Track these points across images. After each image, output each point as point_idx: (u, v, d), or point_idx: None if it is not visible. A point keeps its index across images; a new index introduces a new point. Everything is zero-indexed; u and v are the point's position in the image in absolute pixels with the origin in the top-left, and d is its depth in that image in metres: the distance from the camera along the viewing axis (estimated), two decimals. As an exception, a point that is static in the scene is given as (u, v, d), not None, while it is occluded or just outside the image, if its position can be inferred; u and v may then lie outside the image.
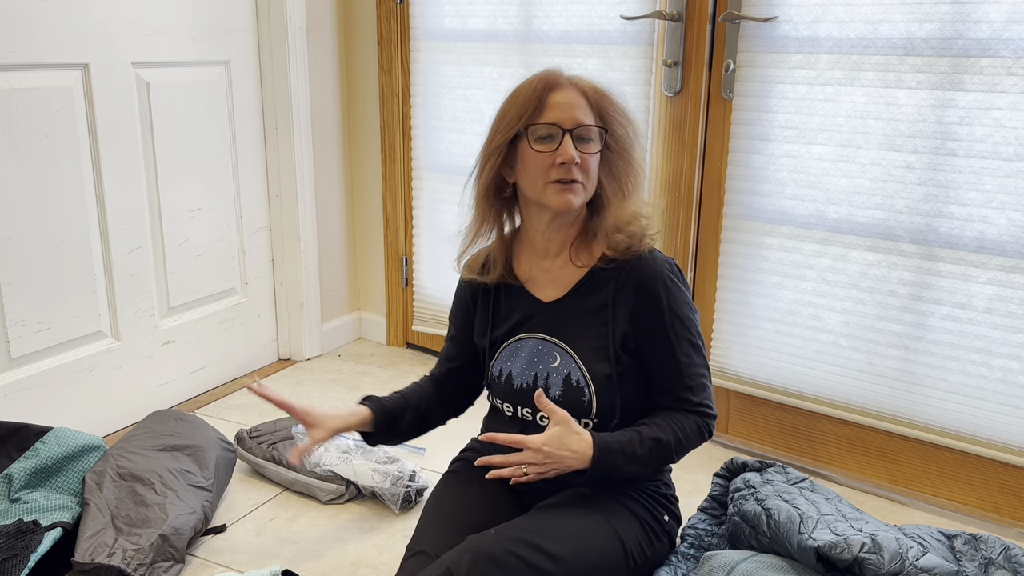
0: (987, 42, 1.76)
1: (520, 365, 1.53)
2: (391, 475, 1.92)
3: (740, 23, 2.02)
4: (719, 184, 2.15)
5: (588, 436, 1.40)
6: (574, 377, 1.49)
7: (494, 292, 1.59)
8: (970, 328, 1.89)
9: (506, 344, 1.56)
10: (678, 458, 1.49)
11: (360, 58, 2.73)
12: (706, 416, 1.50)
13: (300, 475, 1.96)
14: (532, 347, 1.53)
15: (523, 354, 1.53)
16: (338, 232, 2.85)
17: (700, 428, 1.49)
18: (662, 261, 1.49)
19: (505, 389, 1.55)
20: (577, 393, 1.49)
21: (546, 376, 1.51)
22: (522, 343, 1.54)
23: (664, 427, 1.45)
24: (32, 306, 2.05)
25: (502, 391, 1.56)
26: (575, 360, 1.49)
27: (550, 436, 1.38)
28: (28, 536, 1.60)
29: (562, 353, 1.50)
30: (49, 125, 2.02)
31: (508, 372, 1.55)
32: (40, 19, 1.97)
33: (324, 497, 1.94)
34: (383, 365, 2.77)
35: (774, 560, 1.49)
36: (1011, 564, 1.46)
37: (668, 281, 1.47)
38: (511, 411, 1.56)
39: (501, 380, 1.56)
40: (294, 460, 1.55)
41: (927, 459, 2.02)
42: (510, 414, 1.57)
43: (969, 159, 1.82)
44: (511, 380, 1.54)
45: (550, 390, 1.50)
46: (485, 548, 1.32)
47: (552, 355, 1.51)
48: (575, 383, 1.49)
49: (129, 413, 2.32)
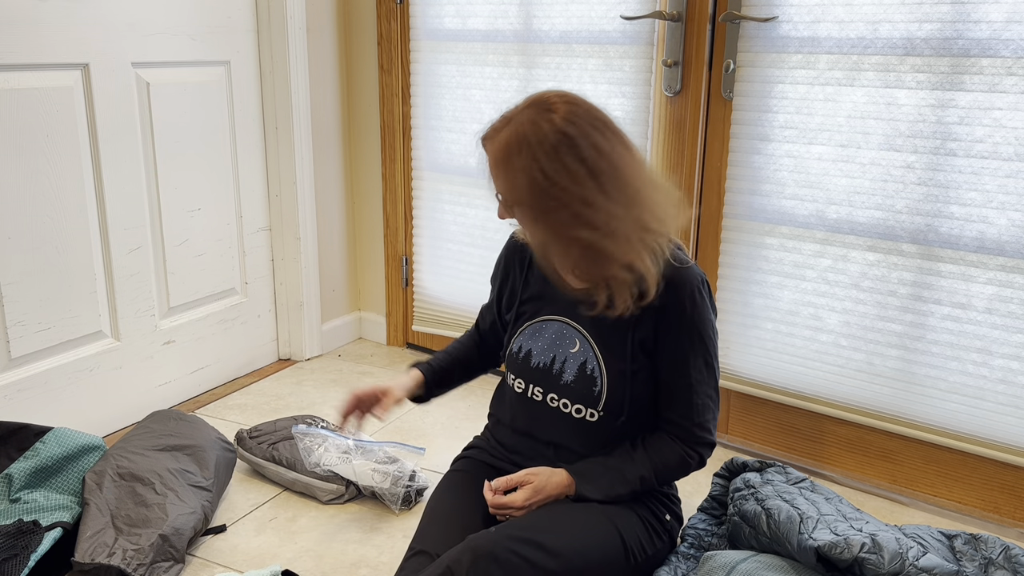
0: (987, 42, 1.76)
1: (541, 345, 1.56)
2: (391, 475, 1.92)
3: (740, 23, 2.02)
4: (719, 184, 2.15)
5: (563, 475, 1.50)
6: (589, 366, 1.51)
7: (530, 263, 1.61)
8: (970, 328, 1.89)
9: (530, 323, 1.59)
10: (662, 486, 1.56)
11: (360, 58, 2.73)
12: (700, 444, 1.51)
13: (300, 475, 1.96)
14: (556, 329, 1.55)
15: (546, 335, 1.56)
16: (338, 232, 2.85)
17: (686, 458, 1.51)
18: (696, 274, 1.48)
19: (522, 366, 1.58)
20: (589, 383, 1.51)
21: (564, 360, 1.53)
22: (546, 324, 1.56)
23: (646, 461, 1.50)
24: (32, 306, 2.05)
25: (519, 367, 1.59)
26: (593, 350, 1.51)
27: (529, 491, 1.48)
28: (28, 536, 1.60)
29: (583, 340, 1.52)
30: (49, 125, 2.02)
31: (528, 349, 1.57)
32: (40, 19, 1.97)
33: (324, 497, 1.94)
34: (383, 365, 2.77)
35: (774, 560, 1.49)
36: (1011, 564, 1.46)
37: (697, 294, 1.47)
38: (521, 387, 1.59)
39: (519, 356, 1.58)
40: (352, 428, 1.67)
41: (927, 459, 2.02)
42: (519, 390, 1.59)
43: (969, 159, 1.82)
44: (529, 358, 1.57)
45: (564, 374, 1.52)
46: (485, 546, 1.32)
47: (573, 340, 1.53)
48: (589, 372, 1.51)
49: (129, 413, 2.32)
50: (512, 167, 1.37)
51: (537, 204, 1.38)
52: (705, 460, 1.53)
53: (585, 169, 1.35)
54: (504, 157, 1.38)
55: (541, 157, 1.35)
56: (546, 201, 1.37)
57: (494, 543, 1.32)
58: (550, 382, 1.54)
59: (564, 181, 1.35)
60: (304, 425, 2.03)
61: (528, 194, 1.37)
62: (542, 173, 1.35)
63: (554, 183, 1.35)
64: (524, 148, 1.36)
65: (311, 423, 2.09)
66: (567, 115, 1.36)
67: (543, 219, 1.40)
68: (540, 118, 1.37)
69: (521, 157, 1.36)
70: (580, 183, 1.35)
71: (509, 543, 1.33)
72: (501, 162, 1.39)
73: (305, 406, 2.45)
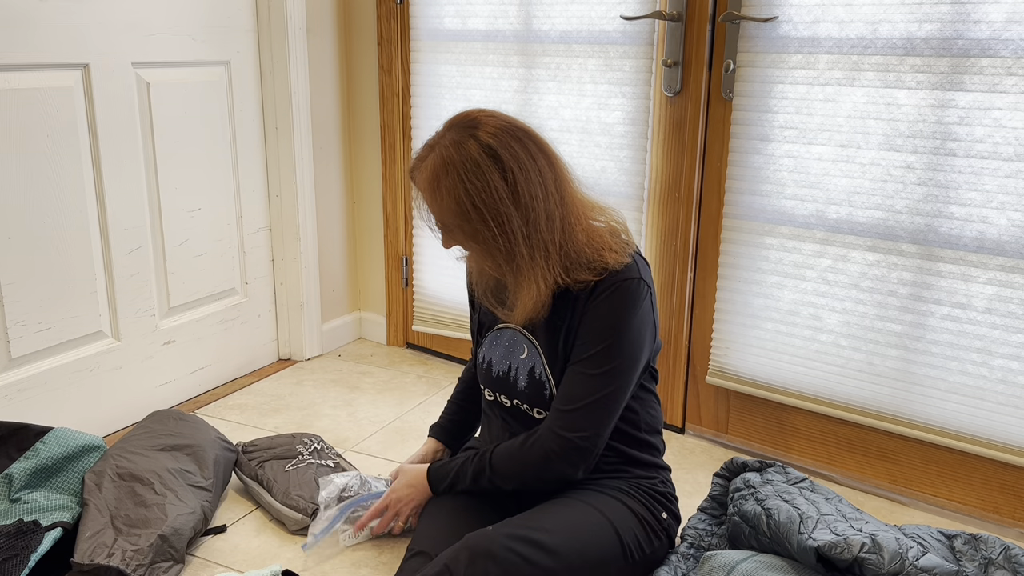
0: (987, 42, 1.76)
1: (498, 354, 1.60)
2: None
3: (740, 23, 2.02)
4: (719, 184, 2.15)
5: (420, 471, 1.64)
6: (537, 371, 1.54)
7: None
8: (970, 328, 1.89)
9: (489, 332, 1.63)
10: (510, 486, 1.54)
11: (360, 58, 2.73)
12: (562, 443, 1.46)
13: (273, 500, 1.87)
14: (508, 337, 1.58)
15: (502, 343, 1.59)
16: (338, 232, 2.85)
17: (547, 455, 1.47)
18: (632, 269, 1.47)
19: (486, 376, 1.63)
20: (539, 387, 1.54)
21: (516, 367, 1.56)
22: (501, 332, 1.60)
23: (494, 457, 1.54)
24: (32, 306, 2.05)
25: (484, 377, 1.64)
26: (539, 354, 1.54)
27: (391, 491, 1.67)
28: (28, 536, 1.60)
29: (530, 346, 1.55)
30: (49, 125, 2.02)
31: (490, 359, 1.61)
32: (40, 19, 1.97)
33: (292, 527, 1.84)
34: (383, 365, 2.77)
35: (774, 560, 1.49)
36: (1011, 564, 1.46)
37: (625, 293, 1.45)
38: (491, 396, 1.64)
39: (484, 366, 1.63)
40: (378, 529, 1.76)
41: (927, 459, 2.02)
42: (491, 399, 1.64)
43: (969, 159, 1.82)
44: (491, 367, 1.61)
45: (519, 381, 1.56)
46: (483, 545, 1.32)
47: (521, 347, 1.56)
48: (537, 376, 1.54)
49: (129, 413, 2.32)
50: (440, 191, 1.41)
51: (467, 224, 1.42)
52: (578, 465, 1.47)
53: (506, 186, 1.40)
54: (432, 181, 1.42)
55: (465, 177, 1.39)
56: (474, 218, 1.41)
57: (492, 541, 1.33)
58: (509, 389, 1.59)
59: (487, 198, 1.39)
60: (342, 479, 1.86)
61: (457, 215, 1.42)
62: (466, 193, 1.39)
63: (480, 200, 1.39)
64: (450, 170, 1.40)
65: (308, 442, 2.04)
66: (491, 131, 1.41)
67: (473, 238, 1.44)
68: (462, 138, 1.41)
69: (448, 178, 1.40)
70: (502, 199, 1.39)
71: (507, 541, 1.33)
72: (430, 188, 1.42)
73: (305, 406, 2.45)
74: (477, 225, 1.41)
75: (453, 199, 1.40)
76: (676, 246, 2.25)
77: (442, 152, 1.41)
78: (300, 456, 1.96)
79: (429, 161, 1.43)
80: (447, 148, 1.41)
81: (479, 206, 1.40)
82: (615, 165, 2.30)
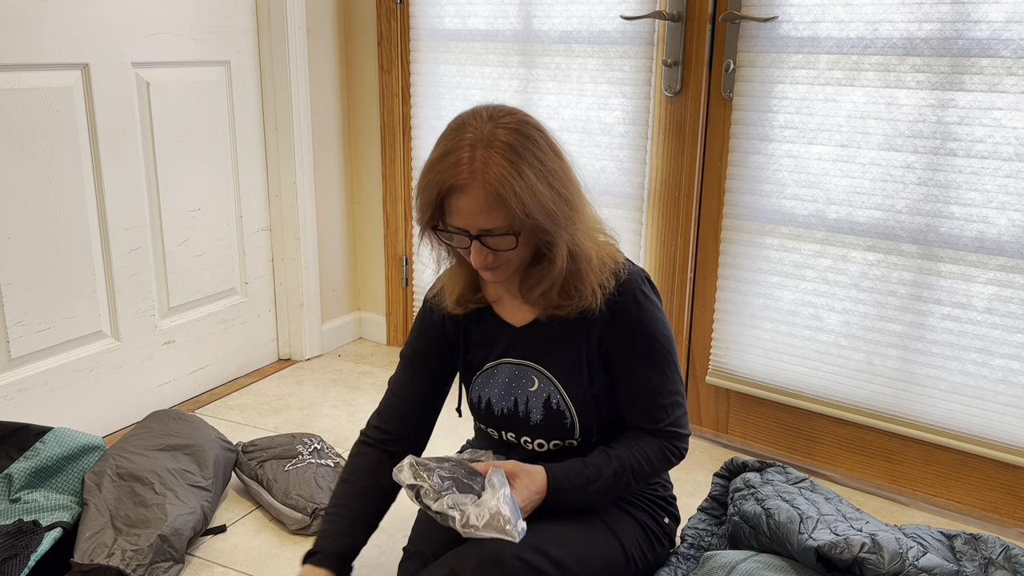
0: (987, 42, 1.76)
1: (498, 391, 1.50)
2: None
3: (740, 23, 2.02)
4: (719, 184, 2.15)
5: (542, 476, 1.38)
6: (553, 400, 1.46)
7: (463, 320, 1.52)
8: (970, 328, 1.89)
9: (481, 371, 1.52)
10: (639, 486, 1.46)
11: (360, 58, 2.73)
12: (674, 438, 1.46)
13: (273, 500, 1.88)
14: (508, 372, 1.49)
15: (500, 380, 1.49)
16: (338, 232, 2.85)
17: (666, 453, 1.45)
18: (634, 274, 1.43)
19: (486, 415, 1.53)
20: (559, 416, 1.46)
21: (526, 401, 1.47)
22: (497, 369, 1.50)
23: (625, 458, 1.42)
24: (32, 306, 2.05)
25: (483, 417, 1.54)
26: (554, 383, 1.46)
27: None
28: (28, 536, 1.60)
29: (540, 376, 1.46)
30: (49, 125, 2.02)
31: (487, 399, 1.51)
32: (40, 19, 1.97)
33: (291, 526, 1.85)
34: (383, 365, 2.77)
35: (774, 560, 1.49)
36: (1011, 564, 1.46)
37: (640, 295, 1.42)
38: (496, 435, 1.55)
39: (481, 407, 1.53)
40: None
41: (927, 459, 2.02)
42: (495, 438, 1.56)
43: (969, 159, 1.82)
44: (491, 407, 1.51)
45: (531, 415, 1.47)
46: (492, 552, 1.31)
47: (530, 379, 1.47)
48: (555, 406, 1.46)
49: (129, 413, 2.32)
50: (524, 176, 1.26)
51: (541, 211, 1.28)
52: (685, 452, 1.48)
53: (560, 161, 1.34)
54: (511, 170, 1.26)
55: (540, 154, 1.29)
56: (548, 199, 1.29)
57: (501, 548, 1.31)
58: (519, 426, 1.50)
59: (561, 174, 1.33)
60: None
61: (535, 197, 1.28)
62: (547, 169, 1.29)
63: (555, 178, 1.31)
64: (524, 151, 1.27)
65: (308, 442, 2.04)
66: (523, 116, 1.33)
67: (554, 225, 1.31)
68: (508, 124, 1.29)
69: (524, 162, 1.27)
70: (566, 172, 1.34)
71: (515, 549, 1.32)
72: (508, 180, 1.25)
73: (305, 406, 2.45)
74: (551, 205, 1.28)
75: (541, 182, 1.27)
76: (676, 246, 2.25)
77: (504, 139, 1.27)
78: (300, 456, 1.96)
79: (484, 155, 1.26)
80: (499, 136, 1.27)
81: (555, 185, 1.30)
82: (615, 165, 2.30)
